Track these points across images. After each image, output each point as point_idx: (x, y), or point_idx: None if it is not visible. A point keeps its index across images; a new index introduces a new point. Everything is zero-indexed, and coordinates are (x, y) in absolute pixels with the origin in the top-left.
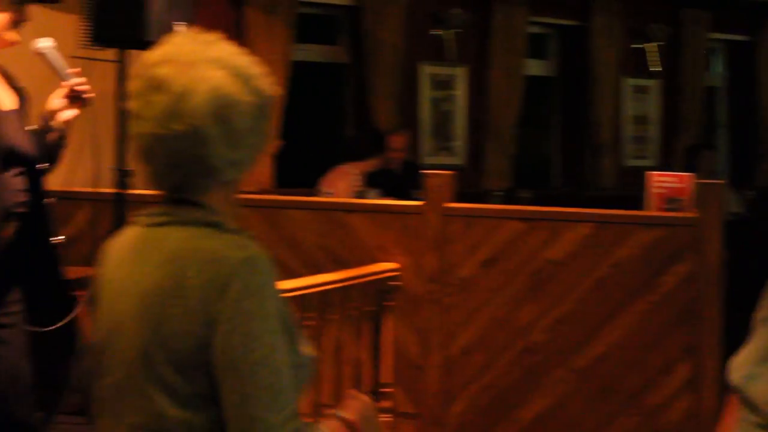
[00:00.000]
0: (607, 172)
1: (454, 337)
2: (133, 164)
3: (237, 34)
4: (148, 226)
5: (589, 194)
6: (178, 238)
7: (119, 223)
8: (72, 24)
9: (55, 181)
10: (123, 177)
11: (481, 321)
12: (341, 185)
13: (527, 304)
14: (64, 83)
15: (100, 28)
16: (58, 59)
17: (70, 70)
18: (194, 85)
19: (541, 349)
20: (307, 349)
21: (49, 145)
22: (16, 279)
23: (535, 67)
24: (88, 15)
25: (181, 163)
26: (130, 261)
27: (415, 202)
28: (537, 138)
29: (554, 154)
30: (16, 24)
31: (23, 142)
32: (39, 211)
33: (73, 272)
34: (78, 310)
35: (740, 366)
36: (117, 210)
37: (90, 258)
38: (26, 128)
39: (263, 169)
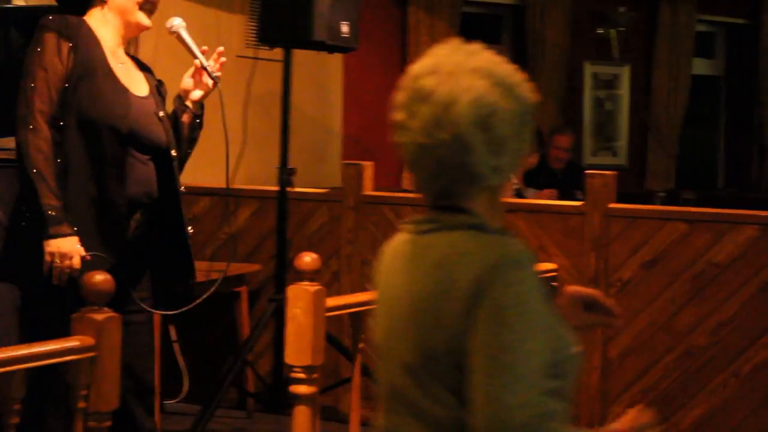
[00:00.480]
0: None
1: (613, 339)
2: (296, 162)
3: (401, 33)
4: (417, 233)
5: (754, 196)
6: (445, 242)
7: (282, 220)
8: (238, 24)
9: (217, 178)
10: (286, 175)
11: (642, 323)
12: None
13: (689, 306)
14: (196, 62)
15: (267, 29)
16: (189, 38)
17: (202, 49)
18: (457, 95)
19: (702, 353)
20: (573, 344)
21: (184, 128)
22: (143, 273)
23: (701, 66)
24: (254, 15)
25: (446, 171)
26: (401, 268)
27: (577, 202)
28: (702, 138)
29: (720, 154)
30: (143, 7)
31: (153, 129)
32: (170, 200)
33: (235, 268)
34: (240, 307)
35: None
36: (280, 207)
37: (252, 255)
38: (159, 114)
39: None
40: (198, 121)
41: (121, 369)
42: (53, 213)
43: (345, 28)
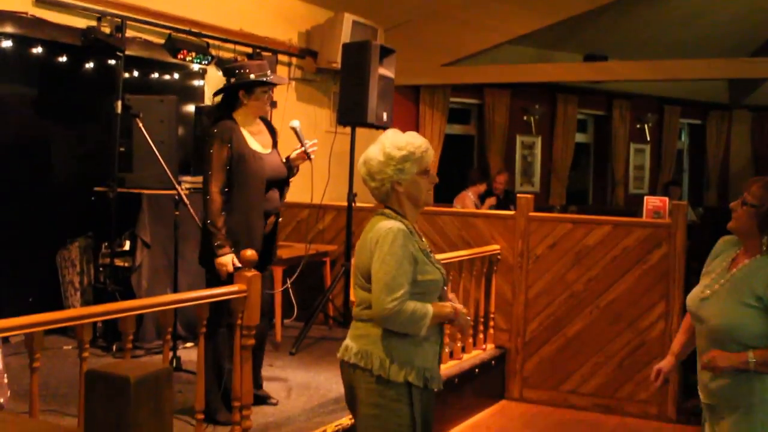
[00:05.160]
0: (619, 197)
1: (530, 287)
2: (357, 189)
3: (414, 119)
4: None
5: (609, 209)
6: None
7: (349, 221)
8: (327, 114)
9: (316, 197)
10: (352, 196)
11: (546, 279)
12: (465, 203)
13: (572, 269)
14: (303, 147)
15: (342, 116)
16: (301, 132)
17: (307, 141)
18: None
19: (579, 295)
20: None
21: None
22: (270, 250)
23: (580, 137)
24: (335, 109)
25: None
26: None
27: (511, 212)
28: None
29: (589, 184)
30: (267, 103)
31: (279, 171)
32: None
33: (322, 247)
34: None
35: (692, 298)
36: (348, 214)
37: (332, 240)
38: (283, 161)
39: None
40: (295, 173)
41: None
42: (220, 242)
43: (385, 115)
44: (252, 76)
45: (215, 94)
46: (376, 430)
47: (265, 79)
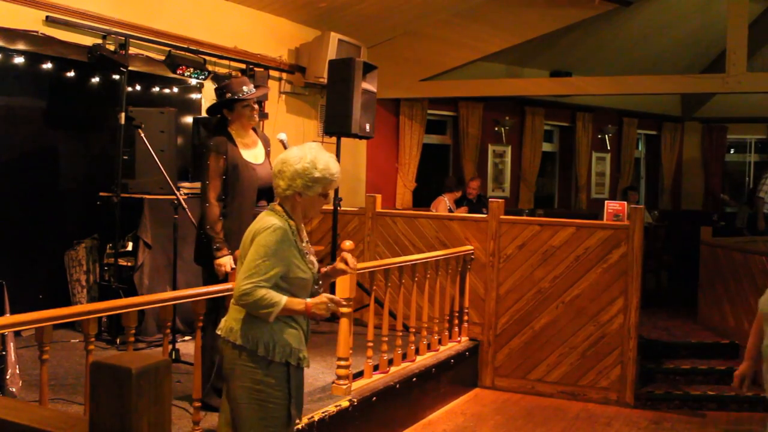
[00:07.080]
0: (582, 201)
1: (501, 284)
2: (343, 194)
3: (395, 129)
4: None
5: (573, 212)
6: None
7: (335, 223)
8: (314, 124)
9: None
10: (337, 201)
11: (516, 276)
12: (441, 207)
13: (540, 268)
14: None
15: (327, 126)
16: (288, 144)
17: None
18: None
19: (546, 291)
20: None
21: None
22: None
23: (547, 147)
24: (322, 120)
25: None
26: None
27: (484, 215)
28: (547, 182)
29: (555, 189)
30: (251, 115)
31: (268, 181)
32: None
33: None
34: None
35: (763, 300)
36: (334, 217)
37: (320, 240)
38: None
39: (407, 197)
40: None
41: None
42: (218, 245)
43: (368, 126)
44: (228, 95)
45: (207, 113)
46: (255, 403)
47: (239, 96)
